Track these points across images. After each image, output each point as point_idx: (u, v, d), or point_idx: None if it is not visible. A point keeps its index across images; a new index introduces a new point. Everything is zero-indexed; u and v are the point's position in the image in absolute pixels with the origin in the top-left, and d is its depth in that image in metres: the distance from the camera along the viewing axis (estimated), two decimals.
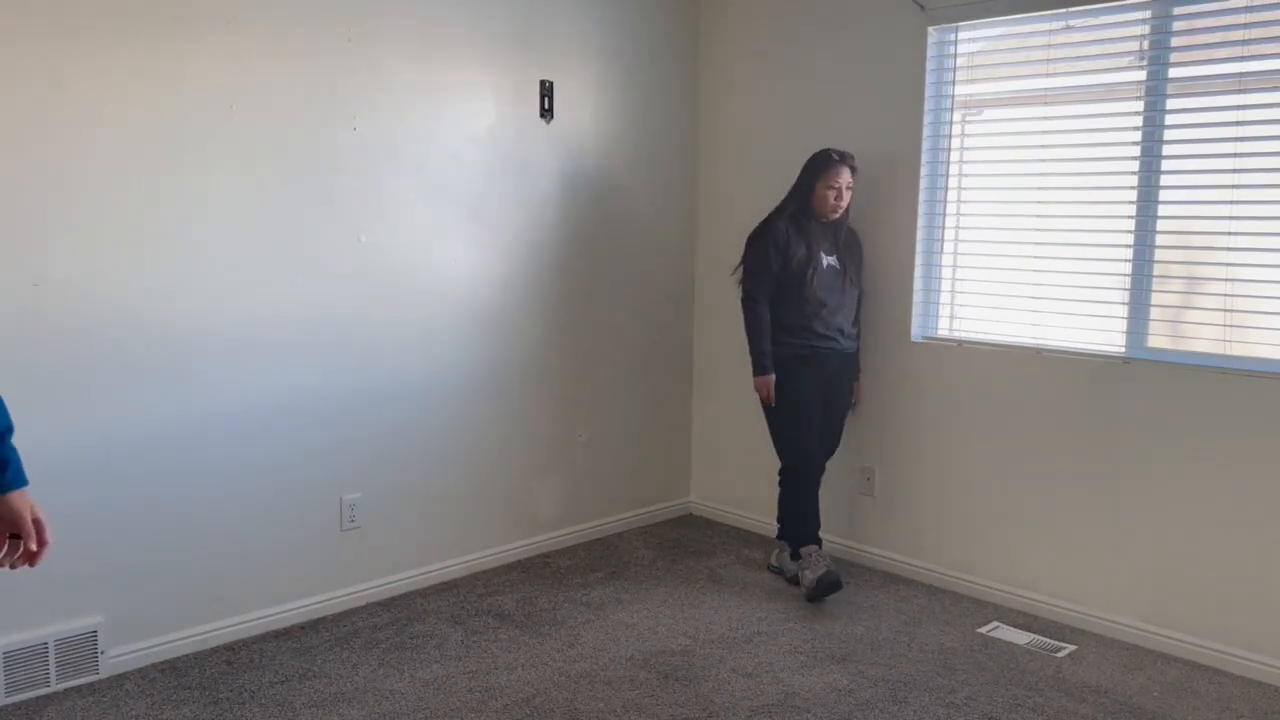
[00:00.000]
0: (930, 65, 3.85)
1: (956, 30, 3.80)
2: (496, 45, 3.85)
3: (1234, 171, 3.21)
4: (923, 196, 3.90)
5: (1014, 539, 3.74)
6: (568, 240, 4.19)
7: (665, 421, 4.73)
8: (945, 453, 3.91)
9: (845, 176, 3.75)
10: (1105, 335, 3.52)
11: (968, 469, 3.85)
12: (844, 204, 3.78)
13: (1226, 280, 3.25)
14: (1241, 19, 3.16)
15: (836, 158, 3.73)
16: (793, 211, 3.80)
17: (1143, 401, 3.39)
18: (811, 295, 3.78)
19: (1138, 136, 3.39)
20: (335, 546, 3.59)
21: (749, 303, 3.83)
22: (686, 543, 4.44)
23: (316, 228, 3.41)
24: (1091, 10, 3.47)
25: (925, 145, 3.87)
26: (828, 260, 3.80)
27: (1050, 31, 3.59)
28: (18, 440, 2.83)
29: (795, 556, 3.92)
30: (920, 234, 3.91)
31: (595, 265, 4.32)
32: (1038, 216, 3.65)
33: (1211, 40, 3.27)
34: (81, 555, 3.01)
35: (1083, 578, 3.57)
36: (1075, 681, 3.17)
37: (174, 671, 3.12)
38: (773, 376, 3.80)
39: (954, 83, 3.84)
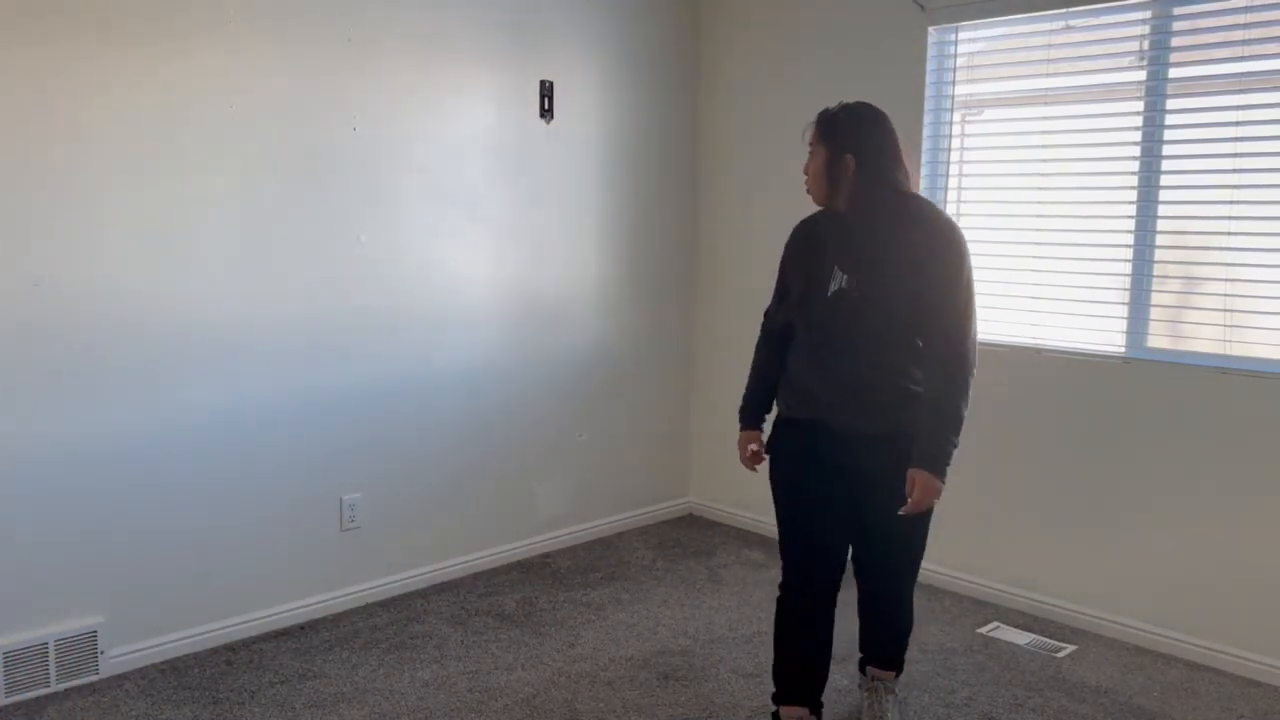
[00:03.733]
0: (930, 65, 3.85)
1: (957, 30, 3.80)
2: (496, 45, 3.85)
3: (1234, 172, 3.21)
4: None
5: (1014, 539, 3.74)
6: (567, 240, 4.18)
7: (665, 421, 4.73)
8: None
9: (808, 137, 2.57)
10: (1105, 335, 3.52)
11: (967, 469, 3.84)
12: (816, 182, 2.53)
13: (1226, 280, 3.25)
14: (1241, 19, 3.16)
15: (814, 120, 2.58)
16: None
17: (1143, 401, 3.39)
18: (804, 334, 2.60)
19: (1138, 137, 3.40)
20: (335, 546, 3.59)
21: (762, 327, 2.81)
22: (686, 543, 4.44)
23: (316, 228, 3.41)
24: (1092, 10, 3.47)
25: (925, 145, 3.87)
26: (841, 279, 2.48)
27: (1050, 31, 3.59)
28: (15, 437, 2.85)
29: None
30: None
31: (595, 265, 4.31)
32: (1038, 216, 3.65)
33: (1212, 40, 3.27)
34: (81, 555, 3.01)
35: (1083, 578, 3.57)
36: (1076, 682, 3.17)
37: (174, 672, 3.12)
38: (756, 434, 2.76)
39: (954, 83, 3.84)
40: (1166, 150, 3.34)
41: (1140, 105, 3.39)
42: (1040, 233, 3.65)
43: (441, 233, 3.75)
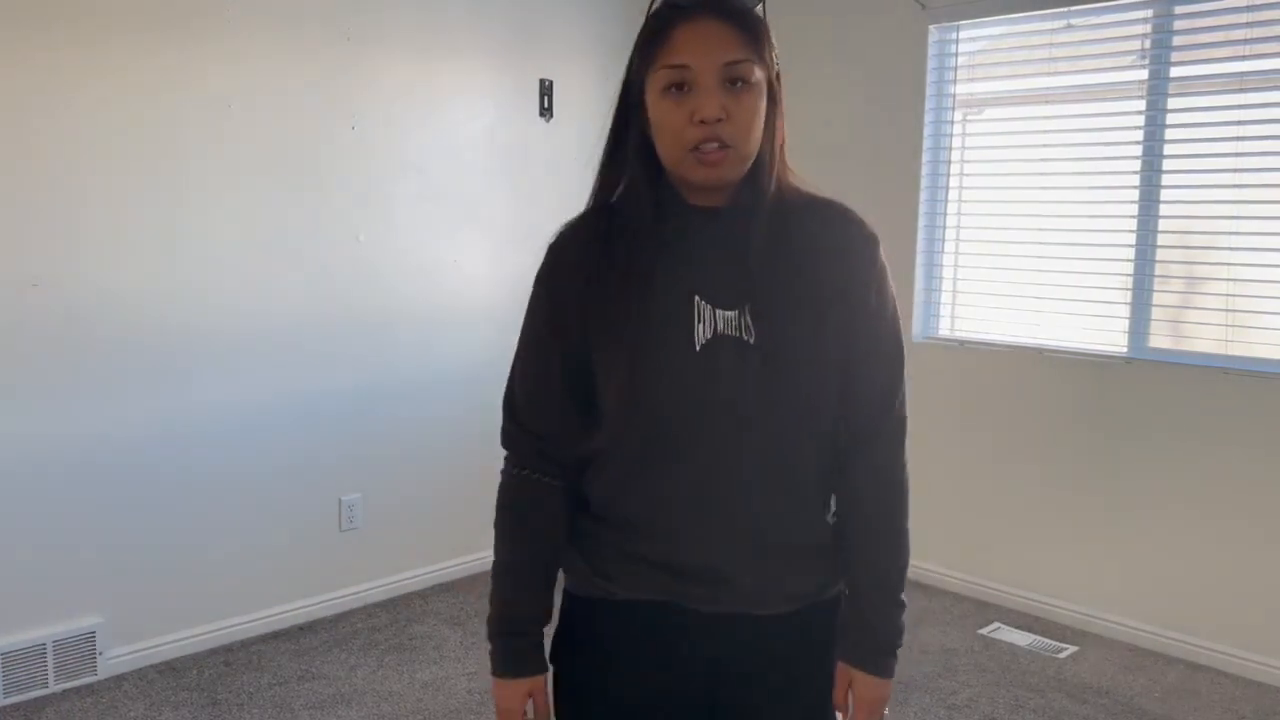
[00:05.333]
0: (931, 64, 3.84)
1: (958, 29, 3.79)
2: (496, 45, 3.84)
3: (1235, 171, 3.20)
4: (923, 196, 3.89)
5: (1015, 539, 3.73)
6: None
7: None
8: (946, 453, 3.90)
9: (714, 43, 1.25)
10: (1107, 335, 3.51)
11: (968, 469, 3.84)
12: (735, 132, 1.25)
13: (1228, 280, 3.24)
14: (1242, 18, 3.15)
15: None
16: (630, 184, 1.38)
17: (1144, 401, 3.38)
18: (642, 431, 1.31)
19: (1139, 136, 3.39)
20: (334, 547, 3.58)
21: (506, 451, 1.43)
22: None
23: (315, 227, 3.40)
24: (1093, 9, 3.46)
25: (926, 144, 3.86)
26: (717, 320, 1.29)
27: (1051, 30, 3.58)
28: (12, 437, 2.83)
29: None
30: (921, 234, 3.90)
31: None
32: (1039, 216, 3.64)
33: (1213, 39, 3.26)
34: (80, 556, 3.00)
35: (1084, 578, 3.56)
36: (1076, 682, 3.16)
37: (172, 672, 3.12)
38: (538, 682, 1.40)
39: (955, 81, 3.83)
40: (1168, 150, 3.33)
41: (1141, 104, 3.38)
42: (1041, 232, 3.64)
43: (441, 232, 3.74)
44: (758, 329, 1.28)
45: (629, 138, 1.35)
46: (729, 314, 1.28)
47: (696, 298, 1.29)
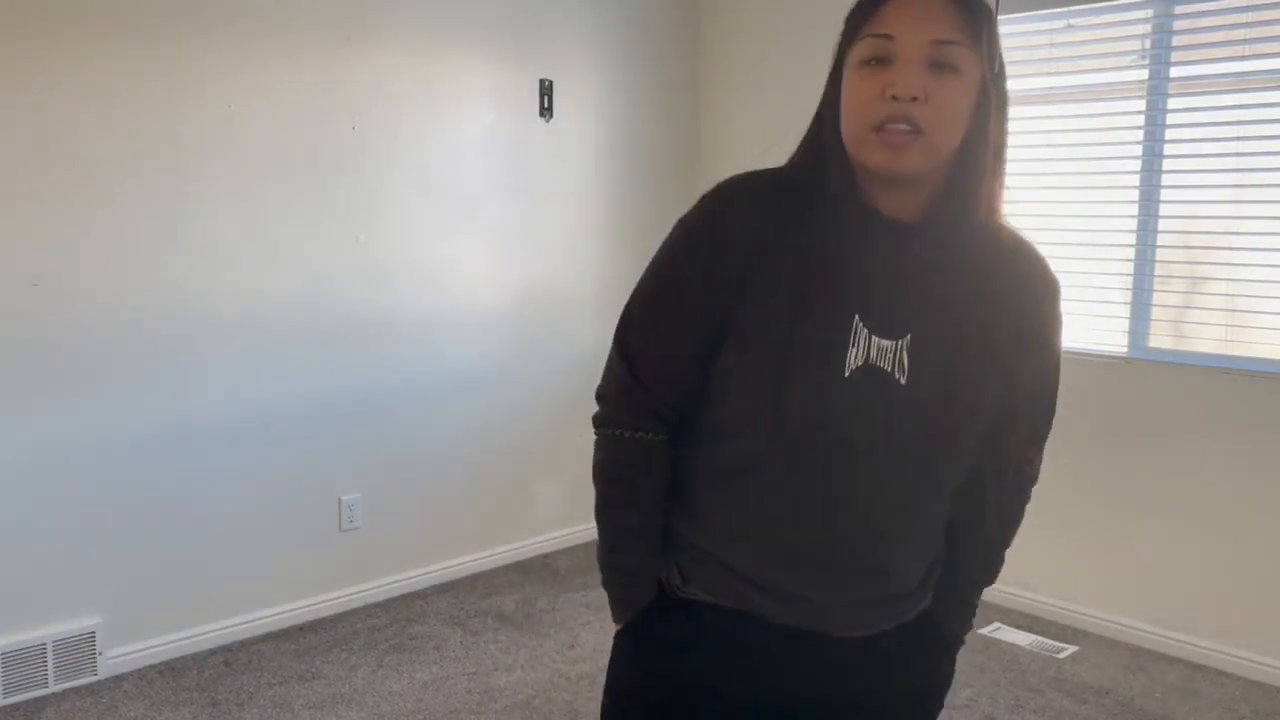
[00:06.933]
0: None
1: None
2: (496, 45, 3.84)
3: (1236, 171, 3.21)
4: None
5: (1015, 539, 3.73)
6: (567, 239, 4.18)
7: None
8: None
9: (927, 17, 1.15)
10: (1107, 335, 3.51)
11: None
12: (931, 117, 1.15)
13: (1228, 280, 3.24)
14: (1243, 18, 3.15)
15: None
16: (809, 164, 1.29)
17: (1144, 401, 3.38)
18: (782, 450, 1.19)
19: (1140, 135, 3.39)
20: (334, 547, 3.58)
21: (601, 429, 1.34)
22: None
23: (315, 227, 3.40)
24: (1093, 9, 3.46)
25: None
26: (872, 348, 1.18)
27: (1051, 30, 3.58)
28: (12, 437, 2.84)
29: None
30: None
31: (595, 264, 4.31)
32: (1039, 216, 3.64)
33: (1213, 39, 3.26)
34: (80, 556, 3.00)
35: (1084, 578, 3.56)
36: (1077, 682, 3.16)
37: (172, 672, 3.12)
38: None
39: None
40: (1168, 149, 3.33)
41: (1142, 104, 3.39)
42: (1042, 232, 3.62)
43: (440, 232, 3.74)
44: (912, 370, 1.17)
45: (828, 117, 1.24)
46: (885, 343, 1.17)
47: (857, 317, 1.17)
